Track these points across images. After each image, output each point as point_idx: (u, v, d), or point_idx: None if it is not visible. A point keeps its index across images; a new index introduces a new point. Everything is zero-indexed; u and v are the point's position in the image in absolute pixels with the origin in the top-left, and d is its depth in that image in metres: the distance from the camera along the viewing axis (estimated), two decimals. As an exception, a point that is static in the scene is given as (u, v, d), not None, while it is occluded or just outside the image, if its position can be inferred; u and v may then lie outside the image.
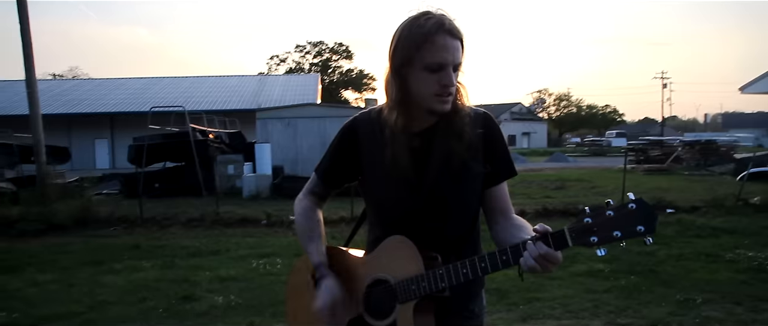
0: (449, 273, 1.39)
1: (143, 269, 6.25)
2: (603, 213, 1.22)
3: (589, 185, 13.88)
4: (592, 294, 5.05)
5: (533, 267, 1.28)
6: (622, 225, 1.20)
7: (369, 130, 1.58)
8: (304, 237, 1.65)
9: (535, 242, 1.27)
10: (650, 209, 1.19)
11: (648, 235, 1.19)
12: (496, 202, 1.58)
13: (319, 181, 1.70)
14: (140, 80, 39.60)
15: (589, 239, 1.23)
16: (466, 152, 1.49)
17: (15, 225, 8.90)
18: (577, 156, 34.11)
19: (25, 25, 11.05)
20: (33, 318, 4.60)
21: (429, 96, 1.44)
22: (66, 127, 32.06)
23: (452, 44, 1.42)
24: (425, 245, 1.48)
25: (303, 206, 1.70)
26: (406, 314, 1.45)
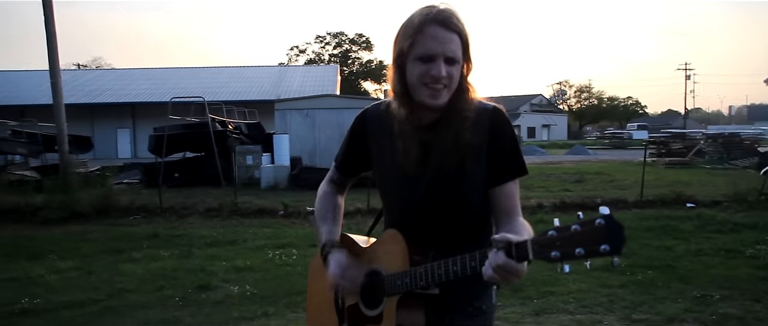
0: (427, 272, 1.40)
1: (161, 258, 6.35)
2: (568, 228, 1.13)
3: (608, 178, 13.71)
4: (607, 289, 5.01)
5: (491, 277, 1.23)
6: (585, 242, 1.10)
7: (377, 123, 1.61)
8: (318, 217, 1.70)
9: (497, 251, 1.22)
10: (618, 227, 1.08)
11: (613, 255, 1.09)
12: (500, 202, 1.53)
13: (336, 171, 1.75)
14: (161, 70, 40.03)
15: (550, 254, 1.14)
16: (465, 151, 1.48)
17: (38, 212, 9.09)
18: (598, 148, 33.71)
19: (49, 17, 11.23)
20: (54, 304, 4.71)
21: (420, 87, 1.44)
22: (89, 117, 32.57)
23: (444, 35, 1.41)
24: (421, 241, 1.49)
25: (322, 191, 1.76)
26: (390, 307, 1.48)
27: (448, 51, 1.41)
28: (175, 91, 26.57)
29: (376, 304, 1.52)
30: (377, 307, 1.52)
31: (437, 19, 1.41)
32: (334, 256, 1.57)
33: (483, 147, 1.50)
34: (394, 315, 1.46)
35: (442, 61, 1.41)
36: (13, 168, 14.73)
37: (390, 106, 1.56)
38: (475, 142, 1.49)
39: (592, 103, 71.25)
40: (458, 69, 1.46)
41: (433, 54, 1.40)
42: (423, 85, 1.43)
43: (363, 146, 1.65)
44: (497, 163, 1.52)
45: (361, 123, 1.65)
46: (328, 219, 1.68)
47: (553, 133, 61.06)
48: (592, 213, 1.16)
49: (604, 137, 44.15)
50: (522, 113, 61.34)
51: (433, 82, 1.42)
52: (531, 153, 27.86)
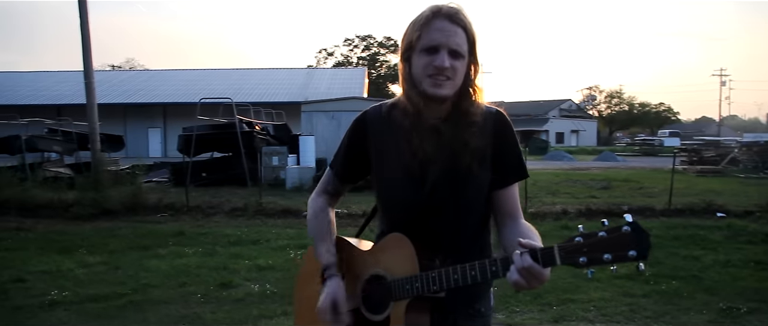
0: (441, 277, 1.40)
1: (186, 255, 6.47)
2: (595, 234, 1.17)
3: (636, 186, 13.47)
4: (629, 298, 4.93)
5: (517, 281, 1.24)
6: (613, 248, 1.15)
7: (378, 125, 1.59)
8: (316, 237, 1.66)
9: (522, 255, 1.24)
10: (644, 234, 1.13)
11: (640, 260, 1.14)
12: (504, 205, 1.55)
13: (334, 178, 1.71)
14: (192, 72, 40.77)
15: (578, 259, 1.18)
16: (470, 154, 1.48)
17: (70, 208, 9.35)
18: (627, 155, 33.11)
19: (84, 19, 11.55)
20: (81, 297, 4.85)
21: (424, 78, 1.45)
22: (121, 116, 33.35)
23: (449, 28, 1.43)
24: (426, 244, 1.49)
25: (316, 206, 1.72)
26: (398, 312, 1.47)
27: (452, 43, 1.43)
28: (205, 92, 27.04)
29: (381, 309, 1.51)
30: (383, 312, 1.51)
31: (444, 12, 1.44)
32: (329, 287, 1.56)
33: (488, 150, 1.51)
34: (403, 319, 1.45)
35: (446, 53, 1.43)
36: (48, 165, 15.18)
37: (393, 106, 1.57)
38: (481, 145, 1.49)
39: (623, 108, 69.98)
40: (463, 64, 1.46)
41: (438, 45, 1.43)
42: (427, 76, 1.44)
43: (363, 149, 1.62)
44: (502, 167, 1.53)
45: (362, 125, 1.62)
46: (326, 237, 1.65)
47: (582, 138, 60.20)
48: (618, 219, 1.20)
49: (634, 144, 43.31)
50: (550, 118, 60.64)
51: (437, 73, 1.43)
52: (558, 158, 27.53)
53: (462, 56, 1.45)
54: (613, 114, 70.79)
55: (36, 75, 39.72)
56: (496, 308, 4.65)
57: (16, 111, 20.84)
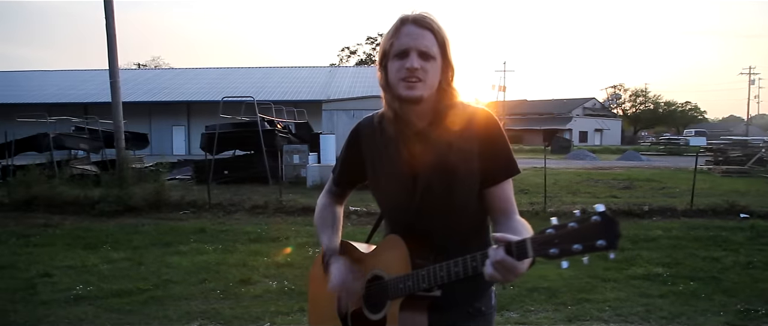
0: (429, 274, 1.45)
1: (206, 252, 6.60)
2: (566, 225, 1.17)
3: (658, 186, 13.30)
4: (645, 299, 4.91)
5: (491, 274, 1.27)
6: (582, 238, 1.14)
7: (370, 134, 1.68)
8: (319, 227, 1.77)
9: (496, 249, 1.26)
10: (613, 223, 1.12)
11: (609, 250, 1.12)
12: (497, 202, 1.58)
13: (334, 184, 1.83)
14: (216, 70, 41.24)
15: (549, 251, 1.18)
16: (456, 155, 1.53)
17: (96, 205, 9.58)
18: (652, 154, 32.61)
19: (110, 19, 11.81)
20: (105, 292, 4.99)
21: (397, 82, 1.51)
22: (147, 114, 33.89)
23: (416, 31, 1.51)
24: (421, 244, 1.54)
25: (321, 203, 1.84)
26: (393, 310, 1.53)
27: (420, 45, 1.50)
28: (229, 90, 27.35)
29: (379, 308, 1.57)
30: (381, 311, 1.57)
31: (411, 19, 1.53)
32: (334, 264, 1.65)
33: (474, 150, 1.55)
34: (397, 318, 1.51)
35: (416, 55, 1.49)
36: (75, 163, 15.53)
37: (383, 116, 1.64)
38: (466, 145, 1.54)
39: (648, 107, 68.87)
40: (434, 66, 1.52)
41: (407, 48, 1.50)
42: (400, 79, 1.51)
43: (358, 159, 1.71)
44: (490, 165, 1.57)
45: (355, 136, 1.72)
46: (328, 227, 1.75)
47: (606, 137, 59.43)
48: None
49: (658, 143, 42.60)
50: (574, 117, 59.96)
51: (408, 75, 1.49)
52: (580, 157, 27.25)
53: (432, 57, 1.51)
54: (637, 113, 69.75)
55: (64, 73, 40.62)
56: (510, 307, 4.69)
57: (45, 109, 21.34)
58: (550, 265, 5.25)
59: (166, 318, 4.34)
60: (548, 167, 18.31)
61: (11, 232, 7.98)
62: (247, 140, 14.81)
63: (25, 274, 5.66)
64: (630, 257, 6.34)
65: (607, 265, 6.00)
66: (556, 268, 5.85)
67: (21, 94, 34.90)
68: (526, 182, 13.97)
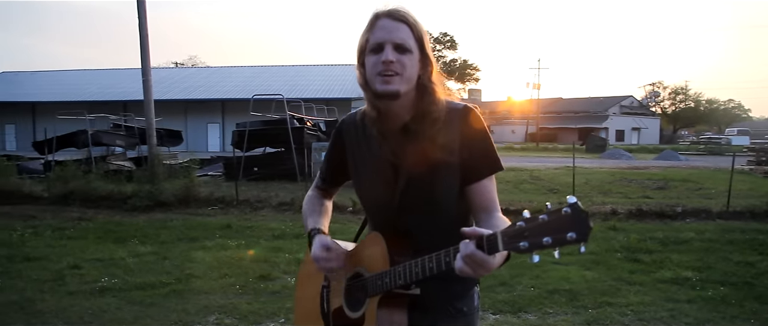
0: (405, 270, 1.42)
1: (230, 247, 6.69)
2: (536, 218, 1.14)
3: (695, 186, 12.90)
4: (671, 303, 4.75)
5: (461, 268, 1.24)
6: (552, 231, 1.11)
7: (353, 132, 1.67)
8: (305, 214, 1.77)
9: (467, 243, 1.23)
10: (583, 215, 1.08)
11: (580, 243, 1.09)
12: (478, 199, 1.55)
13: (321, 178, 1.83)
14: (250, 68, 41.83)
15: (519, 244, 1.14)
16: (437, 152, 1.50)
17: (128, 200, 9.84)
18: (691, 154, 31.67)
19: (142, 19, 12.08)
20: (129, 285, 5.11)
21: (374, 77, 1.49)
22: (182, 112, 34.63)
23: (390, 25, 1.48)
24: (402, 242, 1.52)
25: (308, 196, 1.84)
26: (372, 307, 1.50)
27: (395, 38, 1.47)
28: (263, 88, 27.73)
29: (359, 306, 1.56)
30: (360, 309, 1.55)
31: (385, 13, 1.50)
32: (317, 238, 1.63)
33: (455, 146, 1.52)
34: (375, 316, 1.48)
35: (391, 47, 1.46)
36: (112, 159, 15.96)
37: (365, 113, 1.61)
38: (447, 142, 1.51)
39: (689, 105, 66.94)
40: (411, 59, 1.49)
41: (382, 42, 1.47)
42: (376, 74, 1.48)
43: (341, 157, 1.71)
44: (470, 161, 1.53)
45: (338, 135, 1.71)
46: (315, 213, 1.75)
47: (643, 136, 58.02)
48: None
49: (698, 142, 41.33)
50: (610, 115, 58.73)
51: (384, 69, 1.46)
52: (615, 157, 26.67)
53: (408, 50, 1.48)
54: (677, 111, 67.89)
55: (105, 72, 41.84)
56: (528, 308, 4.60)
57: (86, 107, 21.99)
58: (573, 267, 5.13)
59: (185, 312, 4.41)
60: (581, 166, 18.02)
61: (48, 225, 8.25)
62: (276, 137, 14.95)
63: (56, 265, 5.84)
64: (659, 260, 6.17)
65: (633, 268, 5.86)
66: (579, 269, 5.76)
67: (65, 92, 36.11)
68: (555, 181, 13.76)
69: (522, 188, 12.85)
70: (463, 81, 72.92)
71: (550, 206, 1.14)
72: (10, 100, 36.52)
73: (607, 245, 6.83)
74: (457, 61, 72.10)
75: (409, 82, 1.49)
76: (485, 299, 4.73)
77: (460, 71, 71.75)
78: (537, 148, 39.97)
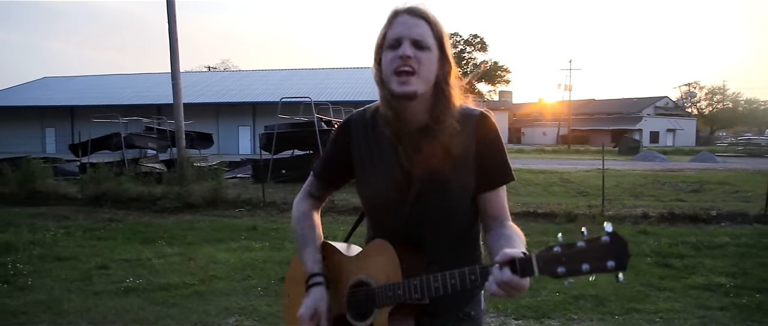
0: (423, 285, 1.37)
1: (254, 249, 6.73)
2: (574, 245, 1.15)
3: (731, 189, 12.49)
4: (703, 311, 4.59)
5: (496, 292, 1.22)
6: (591, 259, 1.12)
7: (361, 129, 1.59)
8: (301, 242, 1.63)
9: (501, 267, 1.21)
10: (623, 244, 1.10)
11: (618, 271, 1.10)
12: (490, 208, 1.50)
13: (315, 180, 1.71)
14: (280, 72, 42.29)
15: (556, 269, 1.15)
16: (452, 159, 1.45)
17: (157, 202, 10.01)
18: (728, 156, 30.77)
19: (172, 24, 12.31)
20: (153, 286, 5.18)
21: (390, 76, 1.43)
22: (214, 115, 35.17)
23: (409, 21, 1.43)
24: (411, 250, 1.47)
25: (300, 210, 1.71)
26: (382, 318, 1.45)
27: (414, 34, 1.42)
28: (293, 91, 27.96)
29: (365, 316, 1.50)
30: (367, 318, 1.49)
31: (404, 9, 1.45)
32: (312, 295, 1.51)
33: (470, 154, 1.47)
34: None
35: (409, 43, 1.41)
36: (144, 161, 16.31)
37: (377, 111, 1.55)
38: (462, 149, 1.45)
39: (727, 105, 65.03)
40: (430, 58, 1.43)
41: (399, 37, 1.42)
42: (393, 73, 1.42)
43: (345, 155, 1.61)
44: (485, 170, 1.49)
45: (345, 130, 1.62)
46: (311, 241, 1.62)
47: (678, 138, 56.60)
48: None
49: (736, 143, 40.09)
50: (644, 117, 57.50)
51: (401, 65, 1.40)
52: (649, 159, 26.07)
53: (427, 48, 1.42)
54: (714, 112, 66.04)
55: (140, 76, 42.79)
56: (552, 314, 4.50)
57: (121, 110, 22.52)
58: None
59: (205, 313, 4.45)
60: (613, 169, 17.65)
61: (79, 225, 8.44)
62: (304, 140, 15.05)
63: (85, 266, 5.96)
64: (691, 265, 5.97)
65: (663, 273, 5.69)
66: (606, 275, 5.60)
67: (102, 96, 37.07)
68: (585, 184, 13.50)
69: (551, 191, 12.66)
70: (493, 83, 72.47)
71: (586, 233, 1.15)
72: (49, 105, 37.65)
73: (637, 249, 6.64)
74: (488, 62, 71.66)
75: (427, 82, 1.44)
76: (508, 304, 4.64)
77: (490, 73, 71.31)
78: (568, 150, 39.35)
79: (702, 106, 67.65)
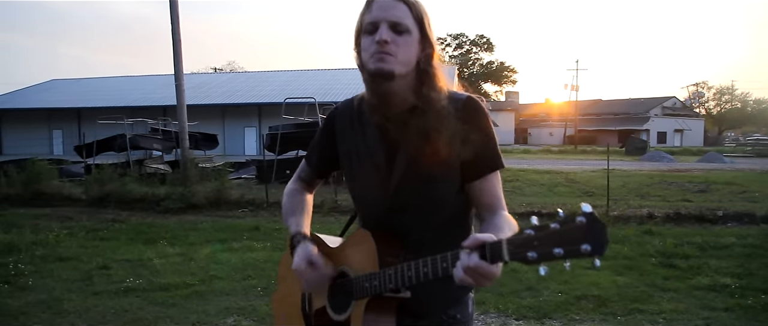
0: (397, 274, 1.33)
1: (256, 250, 6.71)
2: (547, 227, 1.05)
3: (739, 189, 12.36)
4: (707, 312, 4.52)
5: (463, 279, 1.15)
6: (565, 242, 1.01)
7: (347, 118, 1.56)
8: (287, 213, 1.64)
9: (470, 252, 1.13)
10: (601, 226, 1.00)
11: (594, 256, 0.99)
12: (480, 197, 1.44)
13: (305, 166, 1.72)
14: (286, 73, 42.35)
15: (526, 254, 1.05)
16: (437, 145, 1.40)
17: (161, 202, 10.02)
18: (736, 156, 30.53)
19: (175, 25, 12.32)
20: (153, 286, 5.16)
21: (368, 59, 1.39)
22: (220, 116, 35.23)
23: (388, 3, 1.39)
24: (394, 241, 1.43)
25: (289, 189, 1.72)
26: (358, 311, 1.41)
27: (391, 16, 1.38)
28: (299, 92, 27.99)
29: (343, 308, 1.47)
30: (345, 311, 1.46)
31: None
32: (300, 247, 1.49)
33: (456, 140, 1.41)
34: (362, 320, 1.39)
35: (386, 26, 1.37)
36: (149, 162, 16.35)
37: (362, 100, 1.52)
38: (448, 135, 1.40)
39: (735, 105, 64.57)
40: (409, 41, 1.39)
41: (377, 21, 1.38)
42: (370, 55, 1.39)
43: (331, 144, 1.60)
44: (473, 157, 1.43)
45: (331, 120, 1.61)
46: (297, 212, 1.62)
47: (686, 138, 56.24)
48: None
49: (745, 144, 39.76)
50: (652, 117, 57.17)
51: (378, 49, 1.37)
52: (656, 159, 25.90)
53: (406, 31, 1.38)
54: (723, 112, 65.59)
55: (146, 78, 42.92)
56: (553, 315, 4.45)
57: (128, 112, 22.61)
58: (604, 272, 4.93)
59: (204, 313, 4.43)
60: (619, 169, 17.54)
61: (83, 226, 8.46)
62: (308, 140, 14.67)
63: (87, 266, 5.96)
64: (696, 265, 5.90)
65: (668, 273, 5.62)
66: (610, 274, 5.55)
67: (108, 98, 37.21)
68: (591, 184, 13.41)
69: (556, 191, 12.58)
70: (500, 83, 72.32)
71: (563, 214, 1.04)
72: (57, 107, 37.84)
73: (642, 249, 6.58)
74: (494, 62, 71.53)
75: (406, 65, 1.39)
76: (509, 304, 4.60)
77: (497, 73, 71.16)
78: (575, 151, 39.18)
79: (710, 106, 67.26)
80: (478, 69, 71.41)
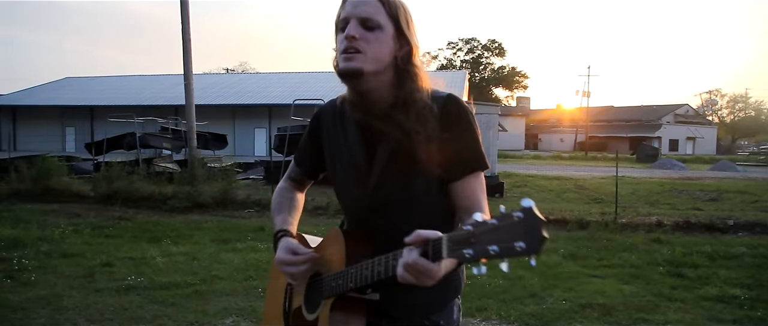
0: (357, 272, 1.29)
1: (259, 250, 6.69)
2: (486, 222, 0.98)
3: (751, 199, 12.20)
4: (715, 323, 4.44)
5: (403, 276, 1.11)
6: (500, 239, 0.95)
7: (330, 118, 1.55)
8: (274, 210, 1.63)
9: (412, 249, 1.10)
10: (537, 222, 0.93)
11: (530, 255, 0.93)
12: (460, 199, 1.39)
13: (295, 166, 1.70)
14: (296, 75, 42.44)
15: (463, 252, 0.98)
16: (416, 145, 1.36)
17: (168, 201, 10.03)
18: (749, 165, 30.18)
19: (185, 24, 12.38)
20: (154, 284, 5.14)
21: (338, 57, 1.37)
22: (231, 117, 35.38)
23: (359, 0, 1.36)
24: (365, 241, 1.40)
25: (279, 187, 1.72)
26: (325, 310, 1.38)
27: (360, 12, 1.35)
28: (309, 93, 28.01)
29: (315, 307, 1.44)
30: (316, 311, 1.43)
31: None
32: (282, 242, 1.48)
33: (436, 139, 1.37)
34: (328, 319, 1.36)
35: (356, 23, 1.34)
36: (158, 161, 16.41)
37: (345, 100, 1.50)
38: (427, 134, 1.36)
39: (749, 114, 63.90)
40: (380, 37, 1.35)
41: (347, 17, 1.36)
42: (340, 54, 1.36)
43: (317, 145, 1.59)
44: (453, 157, 1.38)
45: (315, 120, 1.60)
46: (284, 210, 1.61)
47: (699, 146, 55.71)
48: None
49: (758, 153, 39.29)
50: (664, 124, 56.71)
51: (347, 45, 1.34)
52: (667, 167, 25.66)
53: (378, 26, 1.35)
54: (736, 120, 64.92)
55: (158, 78, 43.21)
56: (556, 323, 4.37)
57: (139, 110, 22.71)
58: (610, 280, 4.86)
59: (203, 313, 4.40)
60: (629, 176, 17.39)
61: (89, 223, 8.48)
62: (316, 141, 15.01)
63: (90, 263, 5.95)
64: (704, 275, 5.80)
65: (675, 283, 5.53)
66: (616, 283, 5.47)
67: (121, 96, 37.49)
68: (600, 191, 13.30)
69: (564, 197, 12.48)
70: (511, 88, 72.08)
71: (503, 209, 0.97)
72: (70, 104, 38.17)
73: (649, 258, 6.49)
74: (506, 67, 71.34)
75: (377, 62, 1.35)
76: (511, 310, 4.53)
77: (508, 78, 70.95)
78: (585, 157, 38.93)
79: (723, 114, 66.58)
80: (490, 74, 71.27)
